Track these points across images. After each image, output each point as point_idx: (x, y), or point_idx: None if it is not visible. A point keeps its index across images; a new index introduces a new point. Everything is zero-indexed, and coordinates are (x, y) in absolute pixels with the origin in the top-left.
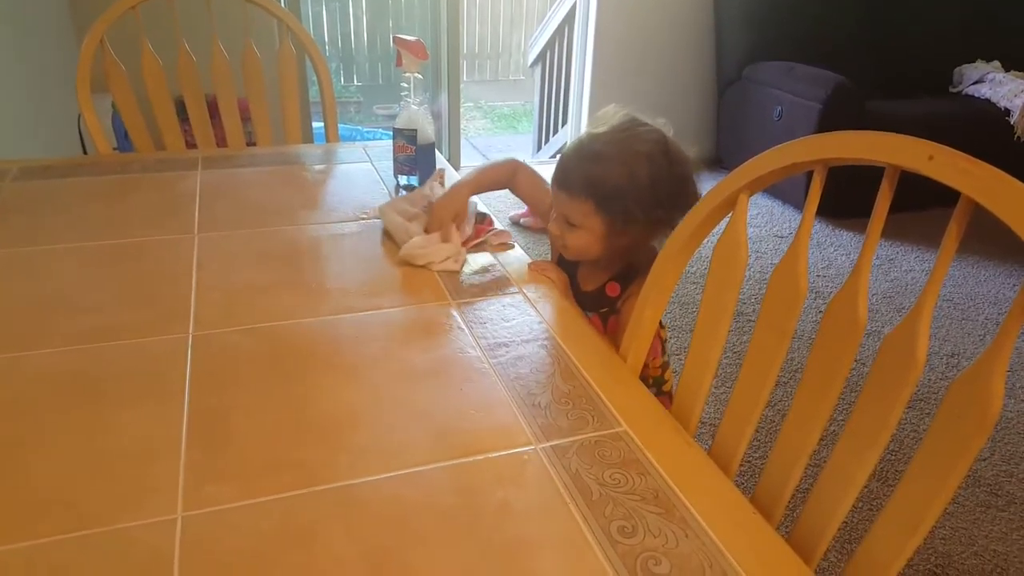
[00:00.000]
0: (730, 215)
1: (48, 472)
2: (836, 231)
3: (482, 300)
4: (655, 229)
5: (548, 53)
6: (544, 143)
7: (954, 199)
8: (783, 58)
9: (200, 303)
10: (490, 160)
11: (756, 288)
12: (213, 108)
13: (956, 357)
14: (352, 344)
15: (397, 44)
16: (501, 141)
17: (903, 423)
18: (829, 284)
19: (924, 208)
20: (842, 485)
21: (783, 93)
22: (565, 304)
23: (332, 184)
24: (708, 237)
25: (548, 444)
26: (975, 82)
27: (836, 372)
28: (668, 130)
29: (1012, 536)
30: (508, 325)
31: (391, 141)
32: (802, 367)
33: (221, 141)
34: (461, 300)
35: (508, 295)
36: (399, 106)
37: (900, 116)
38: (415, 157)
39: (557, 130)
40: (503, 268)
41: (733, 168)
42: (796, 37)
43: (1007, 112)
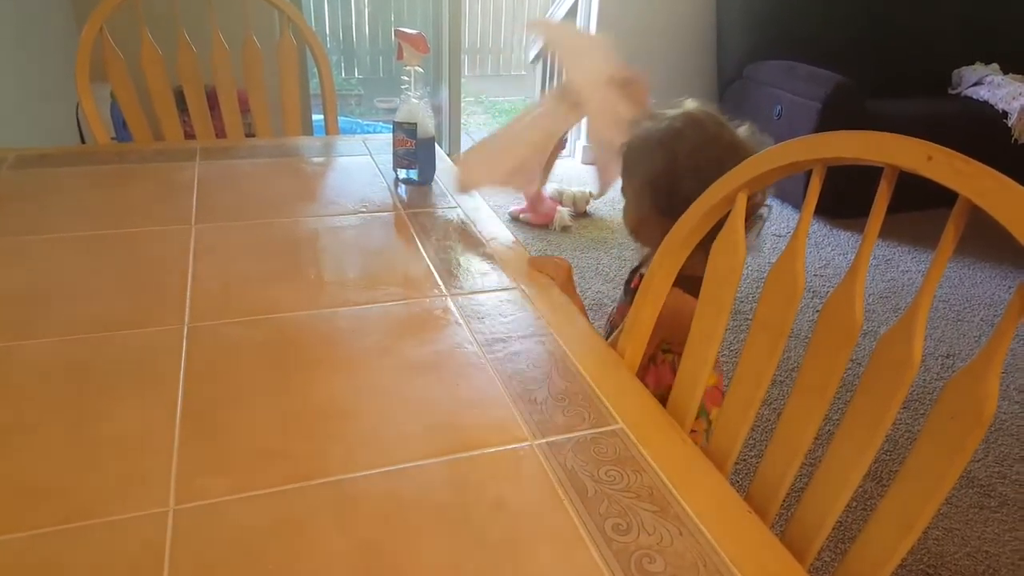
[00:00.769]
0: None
1: (40, 463)
2: (834, 231)
3: (480, 295)
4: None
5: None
6: None
7: (952, 200)
8: (784, 57)
9: (196, 294)
10: None
11: (753, 287)
12: (212, 99)
13: (951, 358)
14: (348, 337)
15: (398, 37)
16: None
17: (898, 423)
18: (826, 283)
19: (922, 209)
20: (836, 484)
21: (783, 92)
22: (563, 300)
23: (331, 177)
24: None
25: (544, 440)
26: (974, 84)
27: (832, 371)
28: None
29: (1005, 537)
30: (506, 320)
31: (391, 135)
32: (798, 366)
33: (220, 132)
34: (459, 294)
35: (506, 290)
36: (399, 100)
37: (899, 116)
38: (415, 151)
39: None
40: (501, 263)
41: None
42: (797, 37)
43: (1005, 115)
